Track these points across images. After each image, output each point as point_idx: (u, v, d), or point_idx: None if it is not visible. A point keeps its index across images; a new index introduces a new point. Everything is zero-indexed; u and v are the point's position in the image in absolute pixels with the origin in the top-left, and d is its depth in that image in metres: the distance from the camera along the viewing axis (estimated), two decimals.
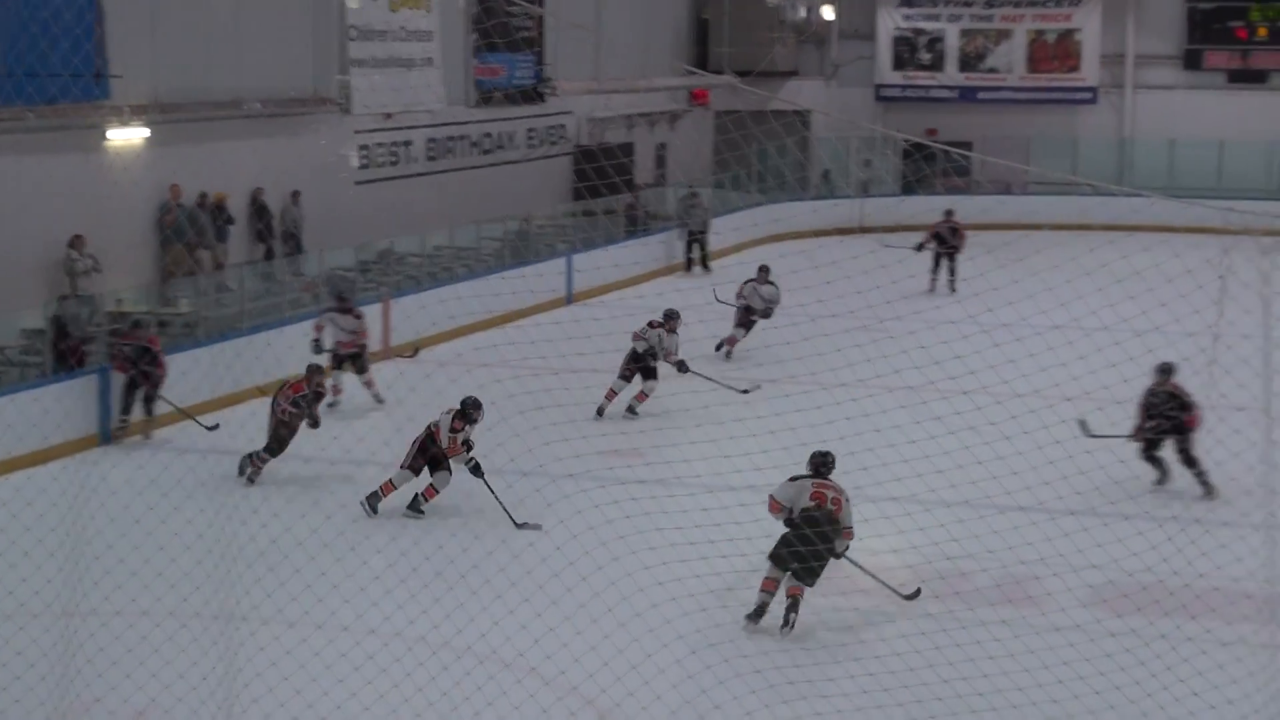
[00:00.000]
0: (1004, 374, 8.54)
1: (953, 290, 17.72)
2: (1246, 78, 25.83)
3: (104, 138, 13.23)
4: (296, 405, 10.02)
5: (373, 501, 9.53)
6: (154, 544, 7.72)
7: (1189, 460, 9.56)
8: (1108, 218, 20.50)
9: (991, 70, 26.77)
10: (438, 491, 9.56)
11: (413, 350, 12.94)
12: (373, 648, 6.79)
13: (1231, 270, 6.58)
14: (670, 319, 12.48)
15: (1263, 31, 25.63)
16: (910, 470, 8.07)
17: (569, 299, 17.39)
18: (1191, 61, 25.98)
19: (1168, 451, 9.70)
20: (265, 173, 15.52)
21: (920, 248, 18.02)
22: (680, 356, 12.42)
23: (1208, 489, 9.51)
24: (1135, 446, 9.75)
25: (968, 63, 26.92)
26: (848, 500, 7.63)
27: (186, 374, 11.27)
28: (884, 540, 7.93)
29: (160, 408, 11.09)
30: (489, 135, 20.17)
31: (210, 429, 10.93)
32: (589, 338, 9.42)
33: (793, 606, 7.62)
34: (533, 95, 20.38)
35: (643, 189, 22.39)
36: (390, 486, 9.64)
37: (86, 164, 12.96)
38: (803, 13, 26.20)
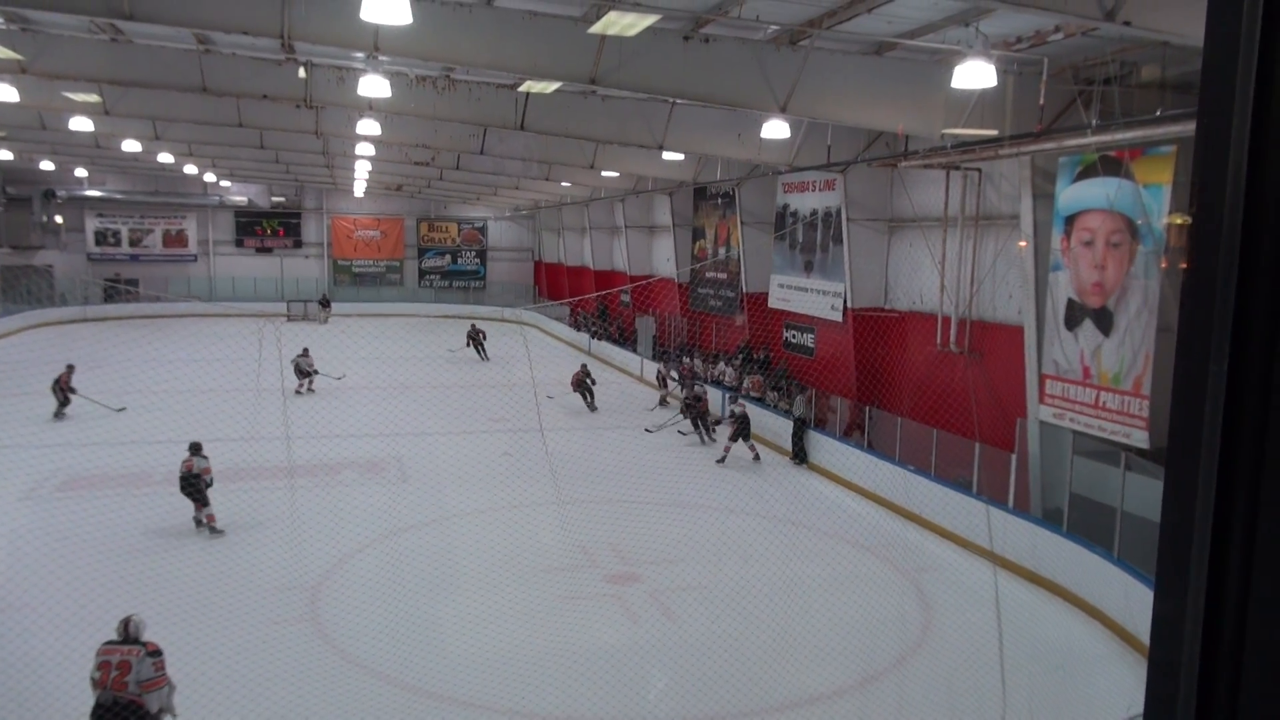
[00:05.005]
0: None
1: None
2: (262, 250, 57.12)
3: None
4: None
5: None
6: None
7: None
8: (202, 310, 50.29)
9: (145, 246, 53.74)
10: None
11: None
12: None
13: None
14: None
15: (266, 232, 57.29)
16: None
17: None
18: (240, 242, 56.13)
19: None
20: None
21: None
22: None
23: None
24: None
25: (134, 243, 53.54)
26: None
27: None
28: None
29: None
30: None
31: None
32: None
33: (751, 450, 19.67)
34: None
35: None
36: None
37: None
38: (45, 218, 51.72)
